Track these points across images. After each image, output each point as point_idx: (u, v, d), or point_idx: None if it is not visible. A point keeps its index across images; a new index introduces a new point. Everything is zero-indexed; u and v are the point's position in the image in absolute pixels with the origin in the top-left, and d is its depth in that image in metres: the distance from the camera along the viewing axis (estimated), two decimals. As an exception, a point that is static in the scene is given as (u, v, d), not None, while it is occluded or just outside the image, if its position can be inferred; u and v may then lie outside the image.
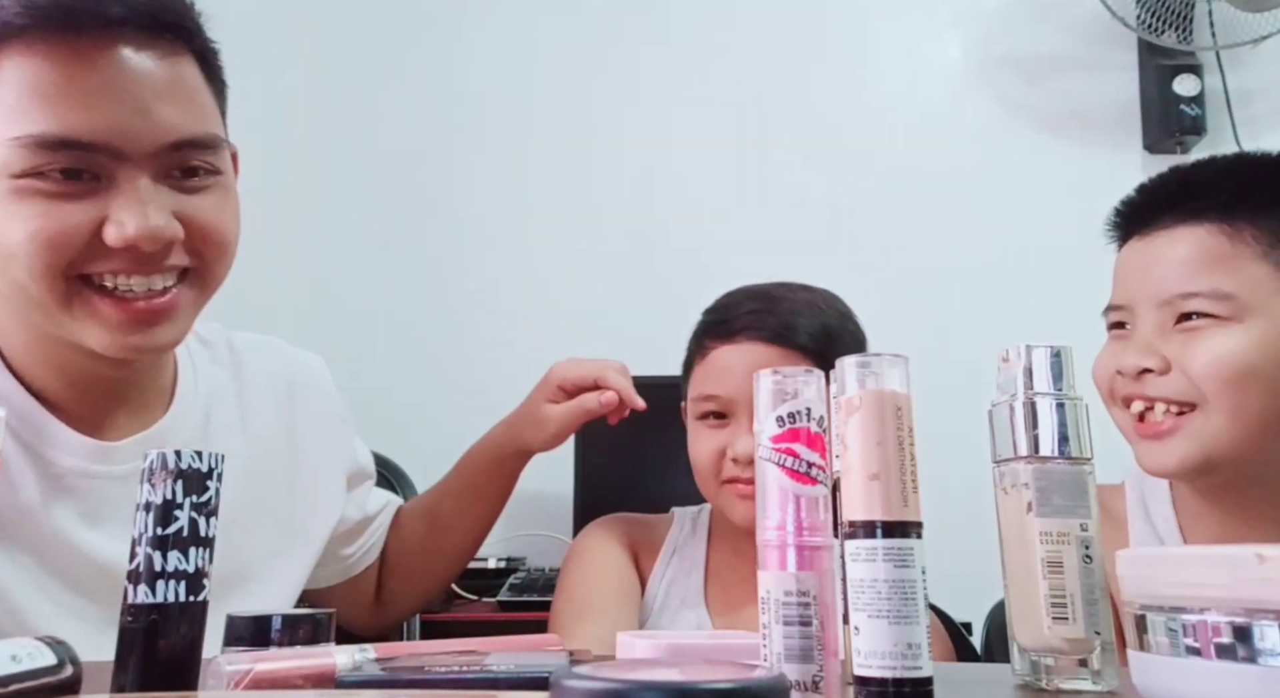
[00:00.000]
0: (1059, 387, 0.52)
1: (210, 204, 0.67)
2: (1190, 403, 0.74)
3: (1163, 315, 0.76)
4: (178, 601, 0.43)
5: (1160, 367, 0.74)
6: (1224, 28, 1.86)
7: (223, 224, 0.68)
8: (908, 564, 0.40)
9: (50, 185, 0.60)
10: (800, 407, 0.42)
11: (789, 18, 2.09)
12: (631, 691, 0.29)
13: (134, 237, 0.61)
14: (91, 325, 0.64)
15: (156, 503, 0.44)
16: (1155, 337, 0.76)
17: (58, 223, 0.60)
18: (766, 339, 0.93)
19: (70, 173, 0.60)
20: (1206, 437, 0.73)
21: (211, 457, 0.46)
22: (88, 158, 0.60)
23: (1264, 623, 0.36)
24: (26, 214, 0.60)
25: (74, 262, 0.62)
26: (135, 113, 0.61)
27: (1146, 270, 0.78)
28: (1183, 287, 0.74)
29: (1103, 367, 0.81)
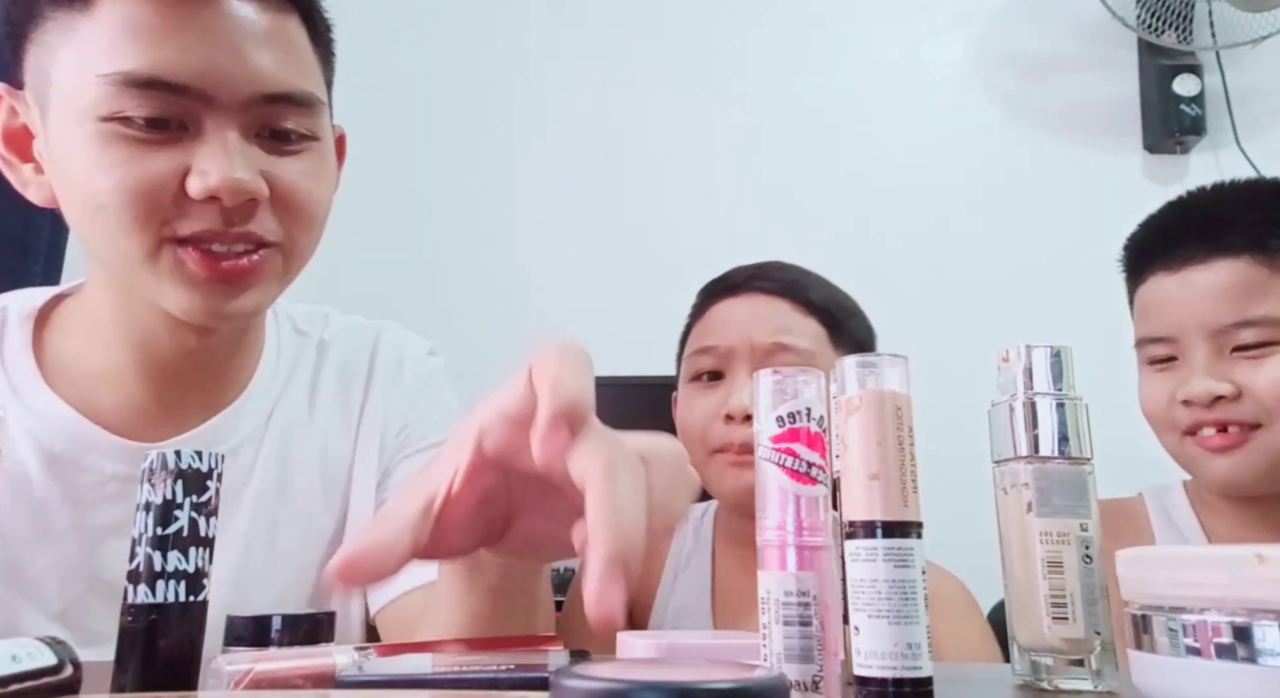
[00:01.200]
0: (1059, 387, 0.52)
1: (301, 169, 0.63)
2: (1257, 423, 0.80)
3: (1217, 345, 0.81)
4: (178, 601, 0.43)
5: (1233, 393, 0.79)
6: (1224, 28, 1.86)
7: (311, 192, 0.64)
8: (908, 564, 0.40)
9: (136, 132, 0.57)
10: (800, 407, 0.42)
11: (789, 18, 2.09)
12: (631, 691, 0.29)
13: (216, 186, 0.57)
14: (175, 285, 0.60)
15: (156, 503, 0.44)
16: (1217, 365, 0.81)
17: (143, 171, 0.57)
18: (773, 290, 0.86)
19: (156, 122, 0.57)
20: (1271, 450, 0.79)
21: (212, 457, 0.46)
22: (175, 101, 0.57)
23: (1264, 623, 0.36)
24: (111, 161, 0.57)
25: (164, 218, 0.58)
26: (229, 57, 0.58)
27: (1188, 303, 0.83)
28: (1236, 316, 0.80)
29: (1156, 398, 0.85)
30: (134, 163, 0.57)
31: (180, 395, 0.69)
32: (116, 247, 0.59)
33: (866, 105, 2.05)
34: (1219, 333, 0.81)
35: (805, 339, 0.86)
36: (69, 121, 0.58)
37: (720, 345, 0.86)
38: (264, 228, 0.61)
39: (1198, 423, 0.82)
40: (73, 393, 0.67)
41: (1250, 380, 0.79)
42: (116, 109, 0.57)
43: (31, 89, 0.61)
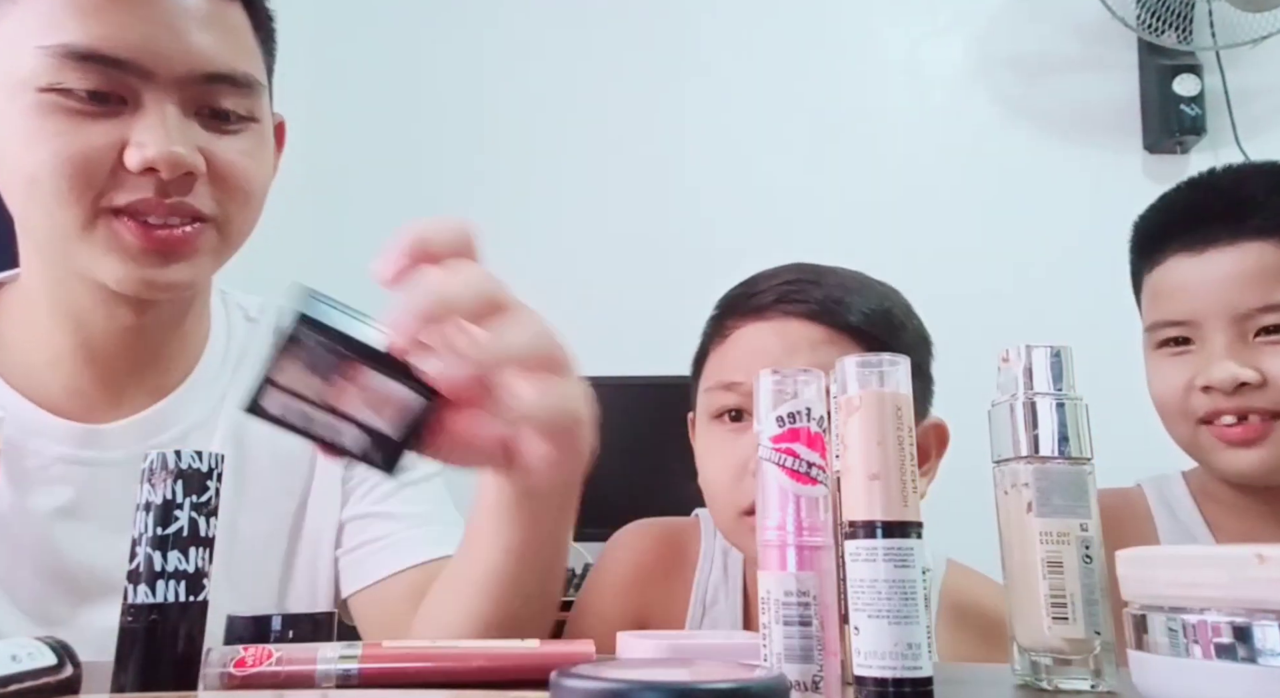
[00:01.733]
0: (1059, 387, 0.52)
1: (239, 148, 0.64)
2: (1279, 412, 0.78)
3: (1240, 330, 0.79)
4: (178, 601, 0.43)
5: (1257, 380, 0.77)
6: (1224, 28, 1.86)
7: (248, 170, 0.64)
8: (908, 564, 0.40)
9: (74, 103, 0.58)
10: (800, 407, 0.42)
11: (789, 18, 2.09)
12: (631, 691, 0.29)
13: (154, 158, 0.58)
14: (108, 254, 0.60)
15: (156, 503, 0.44)
16: (1240, 350, 0.78)
17: (80, 142, 0.58)
18: (807, 314, 0.73)
19: (96, 95, 0.58)
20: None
21: (211, 457, 0.46)
22: (115, 76, 0.58)
23: (1264, 623, 0.36)
24: (49, 132, 0.57)
25: (100, 190, 0.59)
26: (169, 34, 0.59)
27: (1209, 286, 0.80)
28: (1261, 301, 0.78)
29: (1170, 384, 0.82)
30: (72, 134, 0.57)
31: (122, 378, 0.69)
32: (51, 219, 0.59)
33: (867, 106, 2.05)
34: (1242, 318, 0.78)
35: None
36: (6, 94, 0.58)
37: (745, 382, 0.74)
38: (200, 202, 0.62)
39: (1216, 411, 0.79)
40: (18, 378, 0.67)
41: (1275, 368, 0.77)
42: (56, 80, 0.57)
43: None
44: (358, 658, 0.44)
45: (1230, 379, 0.77)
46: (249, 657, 0.43)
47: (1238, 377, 0.77)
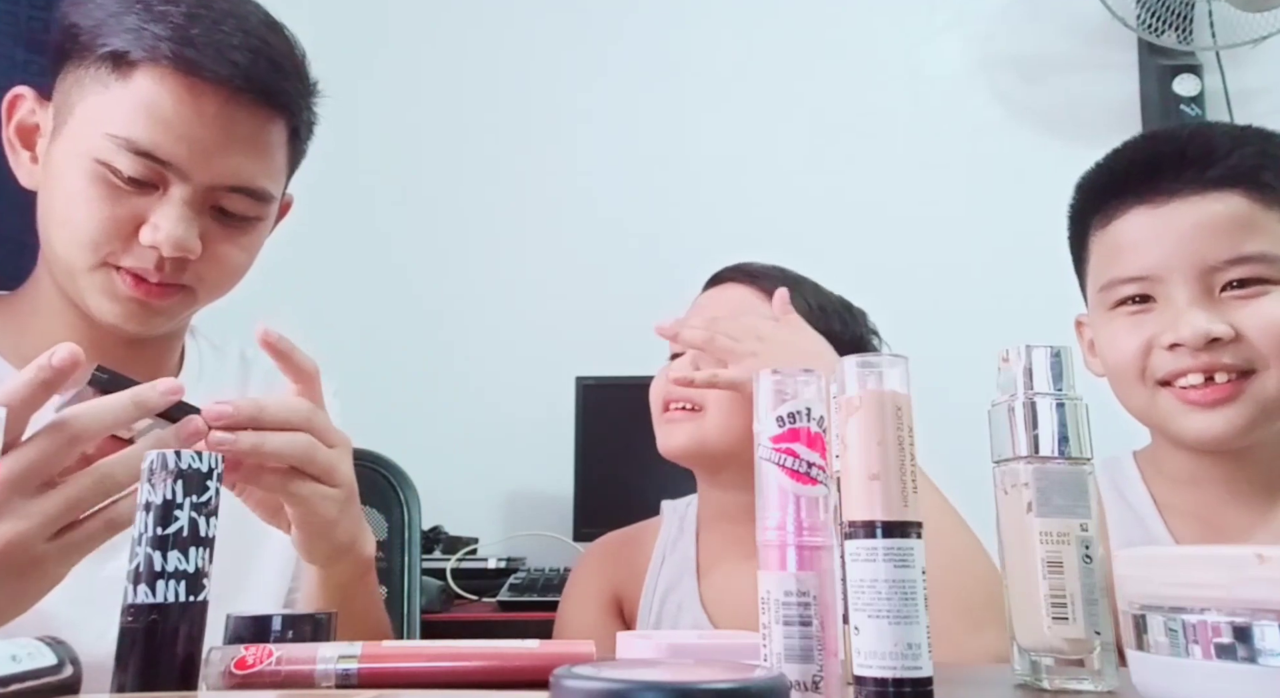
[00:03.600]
0: (1059, 387, 0.52)
1: (236, 242, 0.76)
2: (1250, 369, 0.74)
3: (1205, 284, 0.75)
4: (178, 601, 0.43)
5: (1230, 335, 0.73)
6: (1224, 28, 1.86)
7: (233, 261, 0.76)
8: (908, 564, 0.40)
9: (116, 180, 0.70)
10: (800, 407, 0.42)
11: (789, 18, 2.09)
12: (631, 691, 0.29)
13: (162, 241, 0.70)
14: (101, 295, 0.72)
15: (156, 503, 0.44)
16: (1208, 305, 0.74)
17: (110, 211, 0.70)
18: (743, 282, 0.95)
19: (134, 180, 0.70)
20: (1263, 399, 0.73)
21: (211, 457, 0.46)
22: (157, 169, 0.70)
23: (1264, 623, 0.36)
24: (91, 195, 0.70)
25: (112, 250, 0.71)
26: (214, 151, 0.71)
27: (1172, 238, 0.76)
28: (1229, 253, 0.74)
29: (1127, 345, 0.78)
30: (106, 201, 0.70)
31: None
32: (66, 252, 0.72)
33: (867, 106, 2.05)
34: (1209, 271, 0.74)
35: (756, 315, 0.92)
36: (72, 150, 0.71)
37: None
38: (187, 278, 0.74)
39: (1179, 371, 0.74)
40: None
41: (1245, 322, 0.73)
42: (109, 159, 0.69)
43: (56, 105, 0.74)
44: (357, 658, 0.44)
45: (1202, 334, 0.72)
46: (249, 656, 0.43)
47: (1210, 331, 0.72)
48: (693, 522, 1.01)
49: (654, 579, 0.98)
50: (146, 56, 0.69)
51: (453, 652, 0.46)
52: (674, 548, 0.99)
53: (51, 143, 0.74)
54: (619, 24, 2.12)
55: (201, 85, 0.70)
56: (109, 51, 0.70)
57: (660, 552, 1.00)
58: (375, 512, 1.18)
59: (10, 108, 0.77)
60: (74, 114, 0.72)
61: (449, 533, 1.76)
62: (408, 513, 1.22)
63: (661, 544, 1.00)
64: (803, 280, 0.98)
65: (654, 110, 2.08)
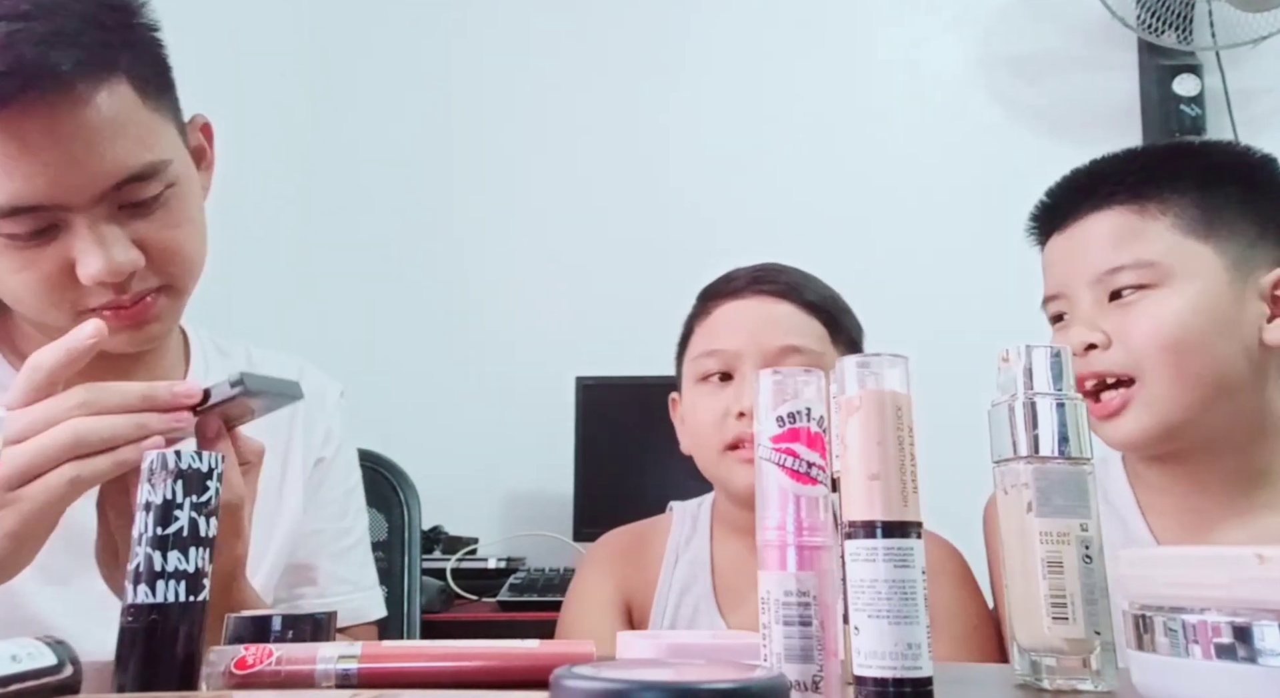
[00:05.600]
0: (1059, 387, 0.52)
1: (164, 223, 0.71)
2: (1130, 377, 0.77)
3: (1096, 294, 0.80)
4: (178, 601, 0.43)
5: (1103, 341, 0.78)
6: (1224, 28, 1.86)
7: (178, 241, 0.73)
8: (908, 564, 0.40)
9: (21, 243, 0.67)
10: (800, 407, 0.42)
11: (789, 18, 2.09)
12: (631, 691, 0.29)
13: (99, 274, 0.67)
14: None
15: (156, 503, 0.44)
16: (1093, 315, 0.80)
17: (38, 273, 0.68)
18: (775, 293, 0.90)
19: (35, 233, 0.66)
20: (1154, 404, 0.77)
21: (211, 457, 0.46)
22: (39, 217, 0.66)
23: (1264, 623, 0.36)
24: (13, 266, 0.68)
25: (71, 300, 0.69)
26: (71, 167, 0.65)
27: (1071, 256, 0.83)
28: (1109, 263, 0.79)
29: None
30: (29, 269, 0.68)
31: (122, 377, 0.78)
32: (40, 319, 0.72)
33: (867, 106, 2.05)
34: (1097, 281, 0.80)
35: (811, 340, 0.90)
36: None
37: (728, 348, 0.89)
38: (148, 282, 0.72)
39: (1080, 378, 0.78)
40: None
41: (1120, 328, 0.78)
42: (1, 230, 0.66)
43: None
44: (357, 658, 0.44)
45: (1078, 343, 0.78)
46: (249, 656, 0.43)
47: (1084, 339, 0.78)
48: (706, 523, 0.99)
49: (667, 580, 0.95)
50: None
51: (453, 652, 0.46)
52: (687, 548, 0.97)
53: None
54: (618, 26, 2.12)
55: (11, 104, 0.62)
56: None
57: (673, 552, 0.97)
58: (375, 512, 1.18)
59: None
60: None
61: (449, 533, 1.76)
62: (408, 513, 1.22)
63: (674, 545, 0.98)
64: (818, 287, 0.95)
65: (653, 110, 2.08)
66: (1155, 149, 0.89)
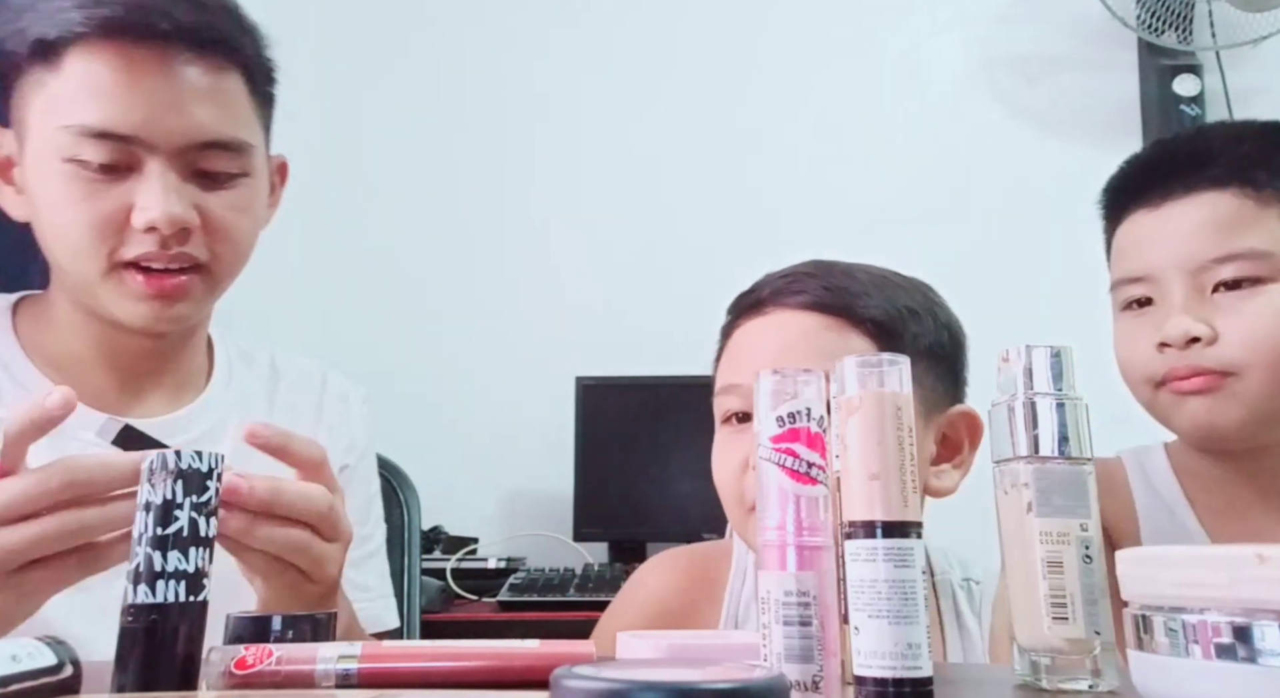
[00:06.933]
0: (1059, 387, 0.52)
1: (230, 203, 0.73)
2: (1229, 372, 0.73)
3: (1198, 283, 0.75)
4: (178, 601, 0.43)
5: (1208, 335, 0.73)
6: (1224, 28, 1.86)
7: (237, 224, 0.74)
8: (908, 564, 0.40)
9: (90, 174, 0.68)
10: (800, 407, 0.42)
11: (790, 18, 2.09)
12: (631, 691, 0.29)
13: (155, 219, 0.68)
14: (120, 298, 0.71)
15: (156, 503, 0.44)
16: (1195, 305, 0.74)
17: (96, 208, 0.68)
18: (802, 305, 0.71)
19: (106, 166, 0.68)
20: (1248, 398, 0.73)
21: (211, 457, 0.46)
22: (123, 149, 0.68)
23: (1264, 623, 0.36)
24: (73, 197, 0.68)
25: (113, 246, 0.70)
26: (170, 110, 0.69)
27: (1165, 238, 0.76)
28: (1218, 251, 0.74)
29: (1132, 344, 0.78)
30: (89, 201, 0.68)
31: (141, 382, 0.79)
32: (77, 267, 0.71)
33: (867, 106, 2.05)
34: (1199, 270, 0.75)
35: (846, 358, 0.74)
36: (40, 160, 0.70)
37: (744, 384, 0.71)
38: (196, 251, 0.72)
39: (1171, 371, 0.75)
40: (53, 373, 0.77)
41: (1228, 323, 0.73)
42: (75, 153, 0.68)
43: (15, 129, 0.73)
44: (357, 658, 0.44)
45: (1182, 334, 0.74)
46: (249, 656, 0.43)
47: (1189, 331, 0.73)
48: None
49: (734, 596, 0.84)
50: (68, 35, 0.67)
51: (453, 652, 0.46)
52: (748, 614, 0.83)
53: (23, 166, 0.72)
54: (619, 26, 2.12)
55: (131, 48, 0.67)
56: (31, 46, 0.68)
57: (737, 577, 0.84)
58: (375, 512, 1.17)
59: None
60: (29, 126, 0.70)
61: (449, 533, 1.76)
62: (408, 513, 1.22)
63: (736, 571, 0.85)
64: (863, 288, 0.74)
65: (655, 110, 2.08)
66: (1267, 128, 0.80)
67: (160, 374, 0.80)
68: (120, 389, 0.78)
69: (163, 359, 0.80)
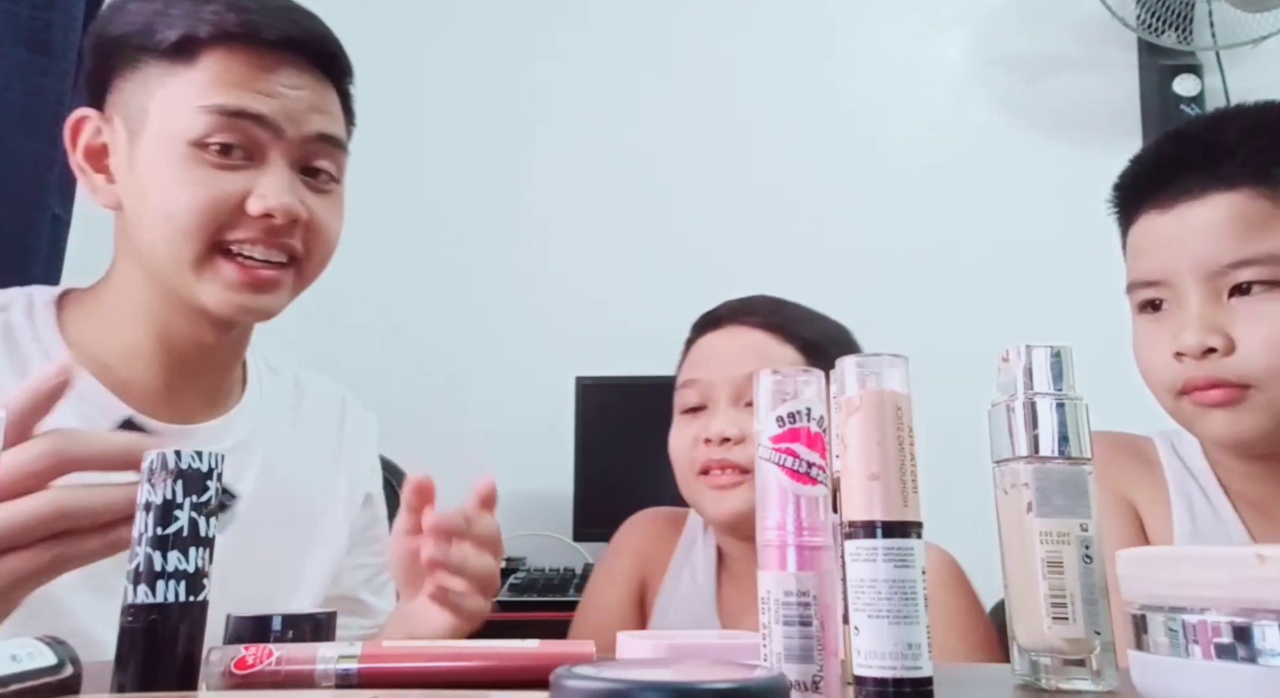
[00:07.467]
0: (1059, 387, 0.52)
1: (326, 206, 0.79)
2: (1251, 383, 0.71)
3: (1213, 287, 0.72)
4: (178, 601, 0.43)
5: (1224, 346, 0.71)
6: (1224, 28, 1.86)
7: (330, 226, 0.80)
8: (908, 564, 0.40)
9: (212, 158, 0.72)
10: (800, 407, 0.42)
11: (790, 18, 2.09)
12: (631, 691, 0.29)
13: (273, 207, 0.73)
14: (211, 284, 0.74)
15: (156, 503, 0.44)
16: (1210, 313, 0.72)
17: (215, 190, 0.72)
18: (752, 324, 0.90)
19: (230, 149, 0.73)
20: (1271, 408, 0.71)
21: (211, 457, 0.46)
22: (253, 131, 0.73)
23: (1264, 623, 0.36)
24: (192, 179, 0.72)
25: (220, 227, 0.73)
26: (295, 104, 0.75)
27: (1180, 241, 0.74)
28: (1234, 255, 0.71)
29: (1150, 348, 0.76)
30: (206, 184, 0.72)
31: (185, 387, 0.80)
32: (173, 249, 0.73)
33: (866, 106, 2.05)
34: (1215, 274, 0.72)
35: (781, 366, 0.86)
36: (160, 145, 0.73)
37: (702, 379, 0.90)
38: (295, 243, 0.77)
39: (1190, 381, 0.73)
40: (95, 370, 0.77)
41: (1246, 331, 0.70)
42: (203, 135, 0.72)
43: (121, 115, 0.76)
44: (357, 658, 0.44)
45: (1197, 346, 0.71)
46: (249, 656, 0.43)
47: (1204, 343, 0.71)
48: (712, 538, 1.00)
49: (676, 569, 0.98)
50: (210, 34, 0.73)
51: (453, 652, 0.46)
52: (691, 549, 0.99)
53: (131, 151, 0.75)
54: (616, 26, 2.12)
55: (265, 50, 0.74)
56: (171, 43, 0.73)
57: (686, 542, 1.00)
58: (375, 512, 1.17)
59: (75, 133, 0.78)
60: (149, 113, 0.74)
61: (449, 533, 1.76)
62: (408, 513, 1.22)
63: (684, 542, 1.00)
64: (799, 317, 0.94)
65: (653, 111, 2.08)
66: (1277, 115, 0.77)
67: (206, 376, 0.82)
68: (166, 390, 0.79)
69: (214, 360, 0.82)
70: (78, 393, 0.71)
